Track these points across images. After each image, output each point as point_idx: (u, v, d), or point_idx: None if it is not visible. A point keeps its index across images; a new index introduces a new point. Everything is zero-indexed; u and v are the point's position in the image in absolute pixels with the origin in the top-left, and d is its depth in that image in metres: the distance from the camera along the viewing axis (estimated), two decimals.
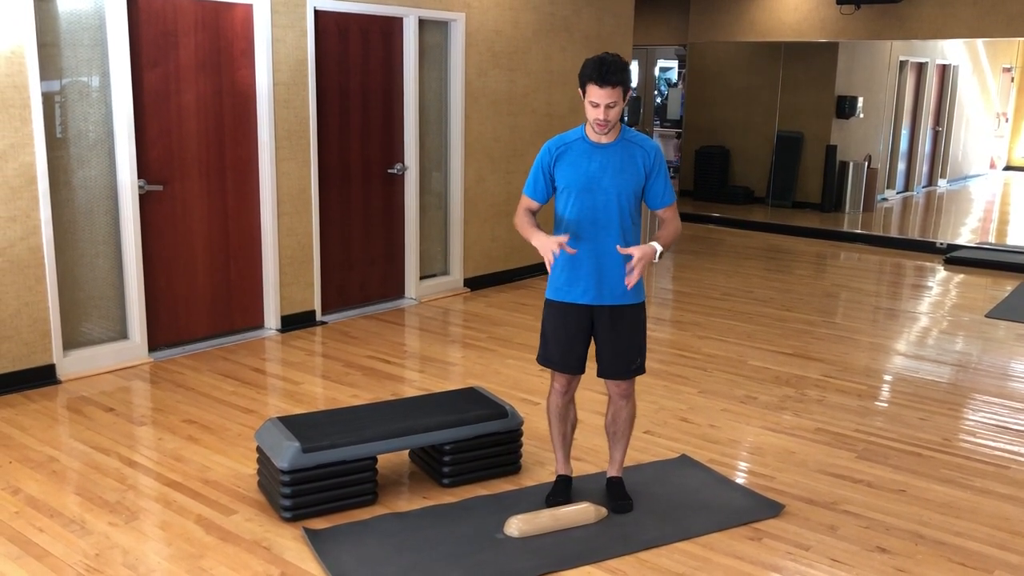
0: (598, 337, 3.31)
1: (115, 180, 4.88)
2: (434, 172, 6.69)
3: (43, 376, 4.62)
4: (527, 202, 3.37)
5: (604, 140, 3.20)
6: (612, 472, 3.51)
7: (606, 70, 3.05)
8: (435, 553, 3.06)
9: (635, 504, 3.42)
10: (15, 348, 4.51)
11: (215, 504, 3.40)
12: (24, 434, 4.01)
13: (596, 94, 3.07)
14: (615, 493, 3.45)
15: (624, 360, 3.29)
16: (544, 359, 3.38)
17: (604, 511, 3.32)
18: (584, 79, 3.11)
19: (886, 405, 4.66)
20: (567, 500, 3.40)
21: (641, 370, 3.34)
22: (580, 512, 3.28)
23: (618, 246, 3.17)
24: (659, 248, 3.16)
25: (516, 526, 3.18)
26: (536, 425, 4.08)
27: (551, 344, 3.34)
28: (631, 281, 3.11)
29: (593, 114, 3.12)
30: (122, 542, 3.10)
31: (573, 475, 3.56)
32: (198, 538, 3.15)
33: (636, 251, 3.08)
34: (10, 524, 3.21)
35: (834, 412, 4.51)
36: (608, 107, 3.08)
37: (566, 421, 3.47)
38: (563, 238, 3.12)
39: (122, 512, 3.31)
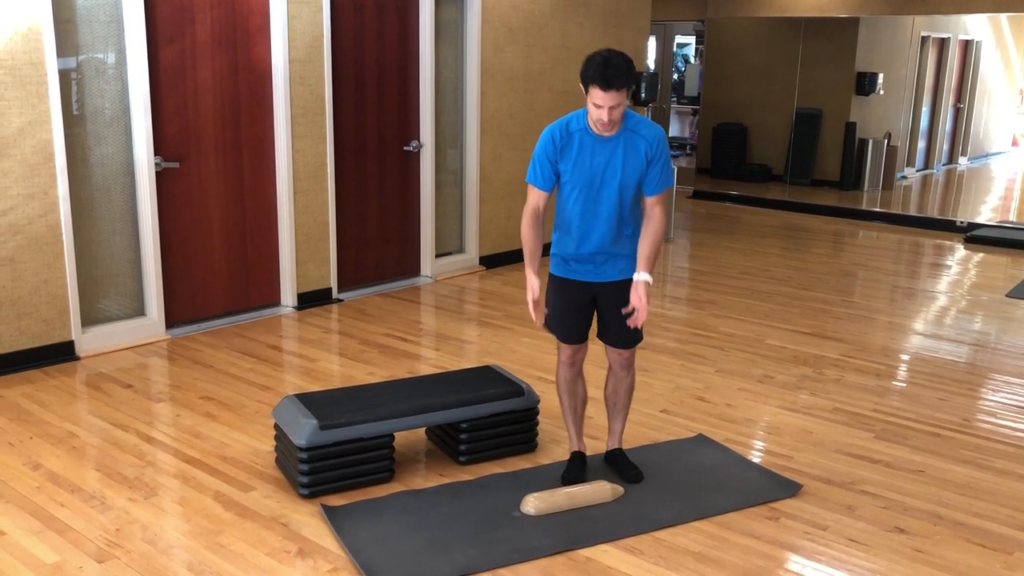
0: (602, 309, 3.33)
1: (132, 157, 4.88)
2: (450, 149, 6.66)
3: (62, 352, 4.65)
4: (536, 197, 3.22)
5: (607, 133, 3.13)
6: (613, 444, 3.53)
7: (610, 73, 2.92)
8: (451, 530, 3.07)
9: (652, 483, 3.42)
10: (34, 325, 4.54)
11: (233, 480, 3.42)
12: (44, 410, 4.05)
13: (599, 96, 2.96)
14: (622, 464, 3.47)
15: (626, 329, 3.30)
16: (550, 328, 3.39)
17: (621, 490, 3.32)
18: (586, 80, 2.98)
19: (904, 385, 4.63)
20: (582, 477, 3.40)
21: (640, 339, 3.37)
22: (596, 491, 3.28)
23: (623, 309, 3.22)
24: (649, 279, 3.17)
25: (532, 504, 3.19)
26: (552, 403, 4.07)
27: (554, 317, 3.36)
28: (638, 322, 3.19)
29: (596, 114, 3.03)
30: (141, 517, 3.13)
31: (587, 452, 3.56)
32: (216, 514, 3.17)
33: (634, 299, 3.16)
34: (32, 499, 3.24)
35: (852, 392, 4.48)
36: (612, 108, 2.99)
37: (575, 395, 3.47)
38: (539, 296, 3.19)
39: (141, 488, 3.34)
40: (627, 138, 3.13)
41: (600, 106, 2.99)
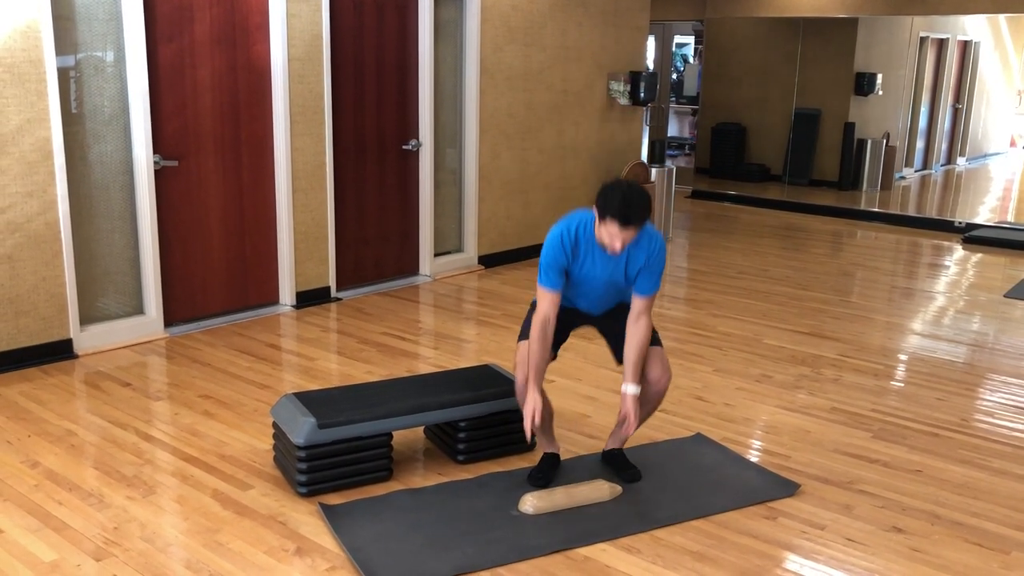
0: (601, 329, 3.48)
1: (130, 155, 4.88)
2: (449, 148, 6.66)
3: (60, 351, 4.65)
4: (548, 302, 3.17)
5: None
6: (614, 445, 3.54)
7: (631, 212, 2.95)
8: (450, 529, 3.07)
9: (650, 482, 3.42)
10: (33, 323, 4.54)
11: (231, 479, 3.42)
12: (42, 408, 4.04)
13: (616, 231, 2.98)
14: (620, 463, 3.47)
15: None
16: (523, 337, 3.34)
17: (619, 489, 3.33)
18: (605, 212, 2.98)
19: (902, 385, 4.63)
20: (551, 479, 3.39)
21: (657, 341, 3.39)
22: (595, 490, 3.28)
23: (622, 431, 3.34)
24: (637, 391, 3.23)
25: (531, 503, 3.19)
26: (552, 401, 4.07)
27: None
28: (631, 431, 3.31)
29: (609, 242, 3.04)
30: (139, 516, 3.13)
31: (586, 452, 3.56)
32: (214, 512, 3.17)
33: (630, 414, 3.23)
34: (29, 497, 3.24)
35: (850, 392, 4.48)
36: (624, 240, 3.02)
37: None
38: (537, 412, 3.14)
39: (139, 486, 3.34)
40: (632, 250, 3.18)
41: (614, 237, 3.01)
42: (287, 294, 5.70)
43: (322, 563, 2.87)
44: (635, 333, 3.23)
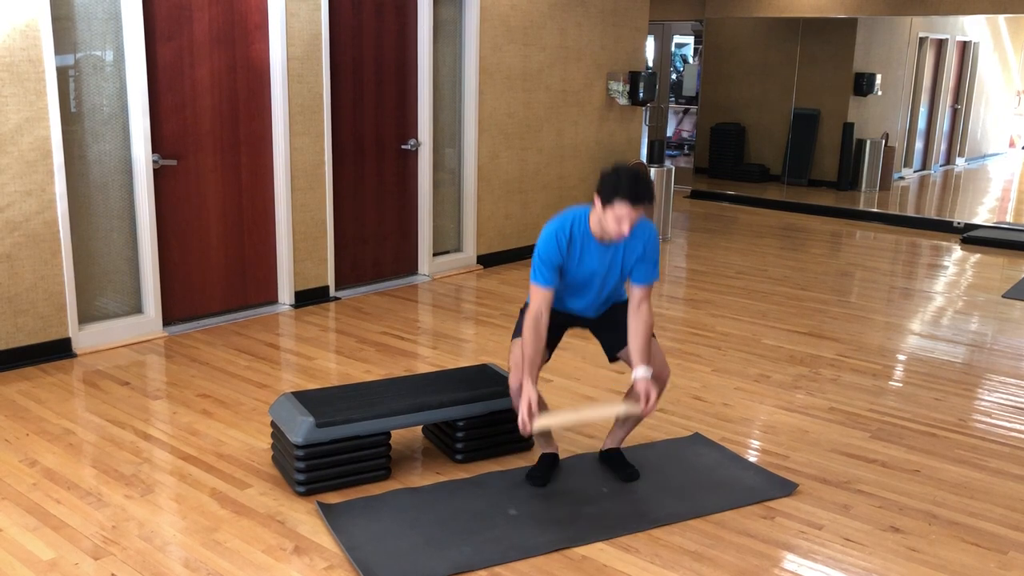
0: (595, 331, 3.45)
1: (129, 154, 4.88)
2: (448, 148, 6.66)
3: (59, 349, 4.65)
4: (541, 299, 3.14)
5: (609, 240, 3.17)
6: (612, 444, 3.54)
7: (642, 190, 2.95)
8: (448, 528, 3.07)
9: (648, 482, 3.42)
10: (31, 322, 4.54)
11: (229, 478, 3.42)
12: (41, 407, 4.05)
13: (626, 212, 2.97)
14: (619, 463, 3.47)
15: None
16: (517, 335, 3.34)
17: (637, 406, 3.16)
18: (613, 194, 2.96)
19: (901, 385, 4.64)
20: (549, 479, 3.39)
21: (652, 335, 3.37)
22: (608, 411, 3.22)
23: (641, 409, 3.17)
24: (648, 373, 3.14)
25: (540, 425, 3.10)
26: (548, 402, 4.08)
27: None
28: (649, 411, 3.14)
29: (615, 228, 3.02)
30: (138, 514, 3.13)
31: (585, 452, 3.56)
32: (212, 511, 3.17)
33: (651, 394, 3.11)
34: (28, 496, 3.24)
35: (848, 391, 4.49)
36: (633, 221, 3.01)
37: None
38: (533, 403, 3.05)
39: (137, 485, 3.34)
40: (627, 242, 3.18)
41: (622, 219, 2.99)
42: (286, 293, 5.70)
43: (320, 562, 2.87)
44: (638, 320, 3.20)
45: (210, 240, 5.31)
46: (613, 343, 3.38)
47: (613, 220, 3.01)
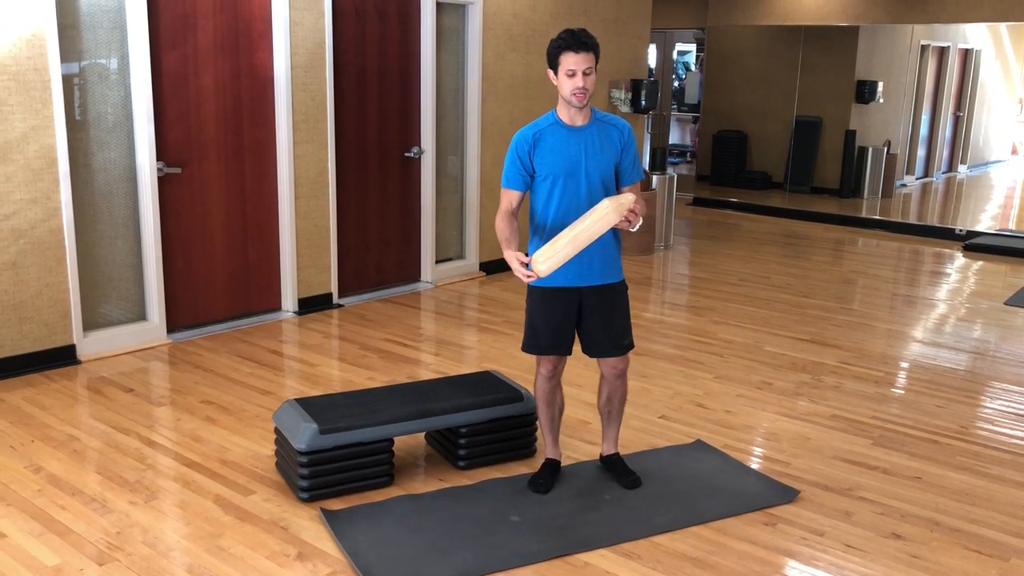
0: (585, 319, 3.29)
1: (134, 162, 4.90)
2: (450, 156, 6.68)
3: (64, 356, 4.67)
4: (510, 197, 3.25)
5: (579, 122, 3.18)
6: (610, 449, 3.54)
7: (580, 35, 3.11)
8: (450, 534, 3.08)
9: (650, 488, 3.43)
10: (36, 329, 4.56)
11: (233, 484, 3.43)
12: (46, 413, 4.06)
13: (573, 60, 3.09)
14: (620, 469, 3.47)
15: (616, 337, 3.30)
16: (531, 347, 3.33)
17: (624, 200, 3.07)
18: (557, 51, 3.12)
19: (903, 392, 4.64)
20: (551, 486, 3.40)
21: (631, 345, 3.37)
22: (599, 220, 3.03)
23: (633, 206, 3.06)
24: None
25: (543, 264, 3.02)
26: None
27: (540, 330, 3.30)
28: (636, 223, 3.08)
29: (571, 85, 3.10)
30: (142, 521, 3.14)
31: (585, 458, 3.57)
32: (216, 517, 3.18)
33: (636, 203, 3.05)
34: (33, 501, 3.26)
35: (850, 399, 4.49)
36: (585, 74, 3.09)
37: (553, 405, 3.46)
38: (521, 257, 3.04)
39: (142, 491, 3.35)
40: (600, 127, 3.22)
41: (574, 72, 3.09)
42: (289, 300, 5.71)
43: (323, 568, 2.88)
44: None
45: (214, 247, 5.34)
46: (598, 347, 3.32)
47: (567, 80, 3.11)
